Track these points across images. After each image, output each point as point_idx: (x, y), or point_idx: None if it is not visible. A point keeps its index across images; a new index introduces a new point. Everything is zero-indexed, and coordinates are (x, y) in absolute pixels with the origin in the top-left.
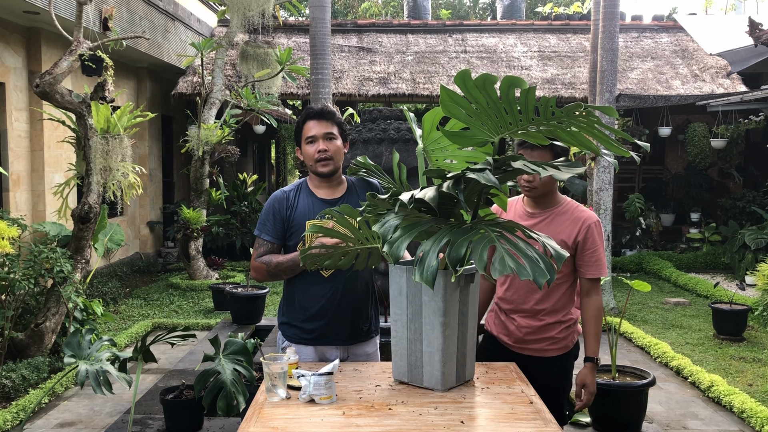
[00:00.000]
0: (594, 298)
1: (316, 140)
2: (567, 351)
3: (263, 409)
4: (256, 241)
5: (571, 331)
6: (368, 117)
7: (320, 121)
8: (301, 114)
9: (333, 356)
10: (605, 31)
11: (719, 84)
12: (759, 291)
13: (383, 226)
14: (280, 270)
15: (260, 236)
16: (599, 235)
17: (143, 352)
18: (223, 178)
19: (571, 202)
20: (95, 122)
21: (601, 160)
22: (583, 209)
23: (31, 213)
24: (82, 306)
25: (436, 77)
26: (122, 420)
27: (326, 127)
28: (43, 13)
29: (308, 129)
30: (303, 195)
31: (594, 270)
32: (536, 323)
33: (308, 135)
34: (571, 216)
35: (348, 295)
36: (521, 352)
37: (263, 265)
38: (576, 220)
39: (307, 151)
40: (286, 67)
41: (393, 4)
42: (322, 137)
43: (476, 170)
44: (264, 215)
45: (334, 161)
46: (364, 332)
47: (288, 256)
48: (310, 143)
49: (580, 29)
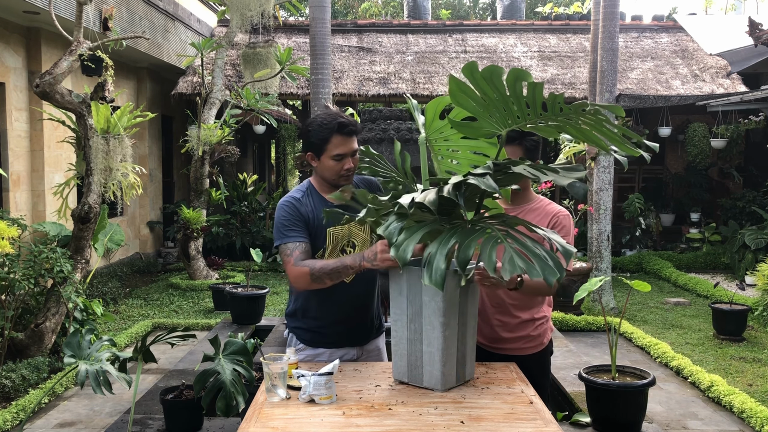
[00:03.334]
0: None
1: (344, 158)
2: (543, 348)
3: (263, 409)
4: (285, 248)
5: (545, 328)
6: (368, 117)
7: (349, 138)
8: (326, 122)
9: (350, 356)
10: (605, 31)
11: (719, 84)
12: (759, 291)
13: (387, 229)
14: (324, 274)
15: (288, 241)
16: (569, 227)
17: (143, 352)
18: (223, 178)
19: (543, 199)
20: (95, 122)
21: (602, 160)
22: (555, 205)
23: (31, 213)
24: (82, 306)
25: (436, 77)
26: (122, 420)
27: (353, 143)
28: (43, 13)
29: (336, 145)
30: (316, 201)
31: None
32: (511, 320)
33: (337, 153)
34: (543, 211)
35: (365, 297)
36: (499, 351)
37: (306, 268)
38: (548, 213)
39: (330, 166)
40: (286, 67)
41: (393, 4)
42: (350, 155)
43: (477, 175)
44: (283, 221)
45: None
46: (375, 328)
47: (334, 261)
48: (338, 160)
49: (580, 29)
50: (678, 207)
